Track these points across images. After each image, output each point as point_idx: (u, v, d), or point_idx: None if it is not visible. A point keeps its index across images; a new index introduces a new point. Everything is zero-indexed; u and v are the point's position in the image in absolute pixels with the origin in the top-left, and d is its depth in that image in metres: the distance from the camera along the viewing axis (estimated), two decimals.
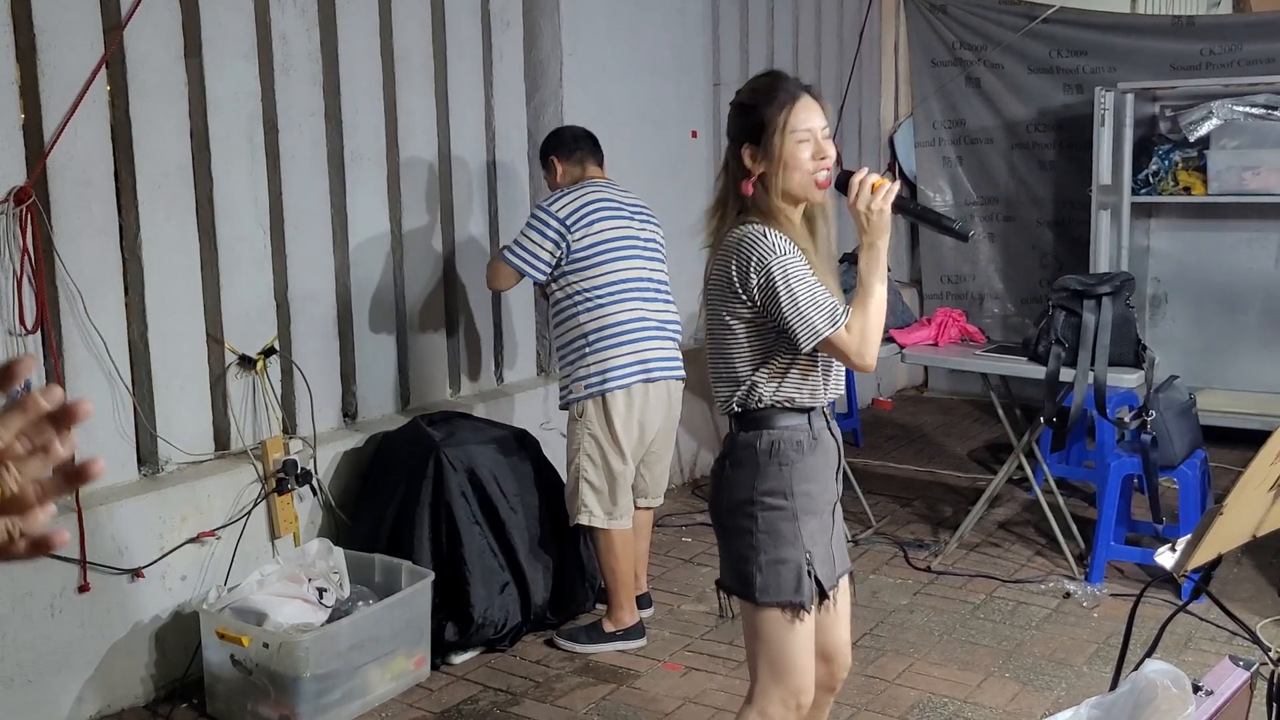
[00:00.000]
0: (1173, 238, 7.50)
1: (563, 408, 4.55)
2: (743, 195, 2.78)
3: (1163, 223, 7.52)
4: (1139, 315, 5.81)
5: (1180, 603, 4.47)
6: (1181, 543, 2.07)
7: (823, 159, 2.75)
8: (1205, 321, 7.42)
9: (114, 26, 3.98)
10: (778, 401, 2.79)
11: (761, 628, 2.83)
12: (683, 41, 6.33)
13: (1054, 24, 7.76)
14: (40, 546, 1.02)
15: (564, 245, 4.33)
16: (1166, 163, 7.06)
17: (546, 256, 4.35)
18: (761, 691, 2.86)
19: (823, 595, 2.84)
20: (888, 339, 5.53)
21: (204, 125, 4.29)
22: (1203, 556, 2.05)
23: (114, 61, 4.02)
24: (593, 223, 4.35)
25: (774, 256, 2.69)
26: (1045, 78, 7.92)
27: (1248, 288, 7.25)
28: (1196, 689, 1.89)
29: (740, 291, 2.74)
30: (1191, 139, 6.97)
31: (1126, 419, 4.89)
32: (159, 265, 4.19)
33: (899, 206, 2.74)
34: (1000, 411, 5.39)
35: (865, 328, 2.71)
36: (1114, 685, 2.11)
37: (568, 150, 4.59)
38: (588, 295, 4.36)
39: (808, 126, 2.74)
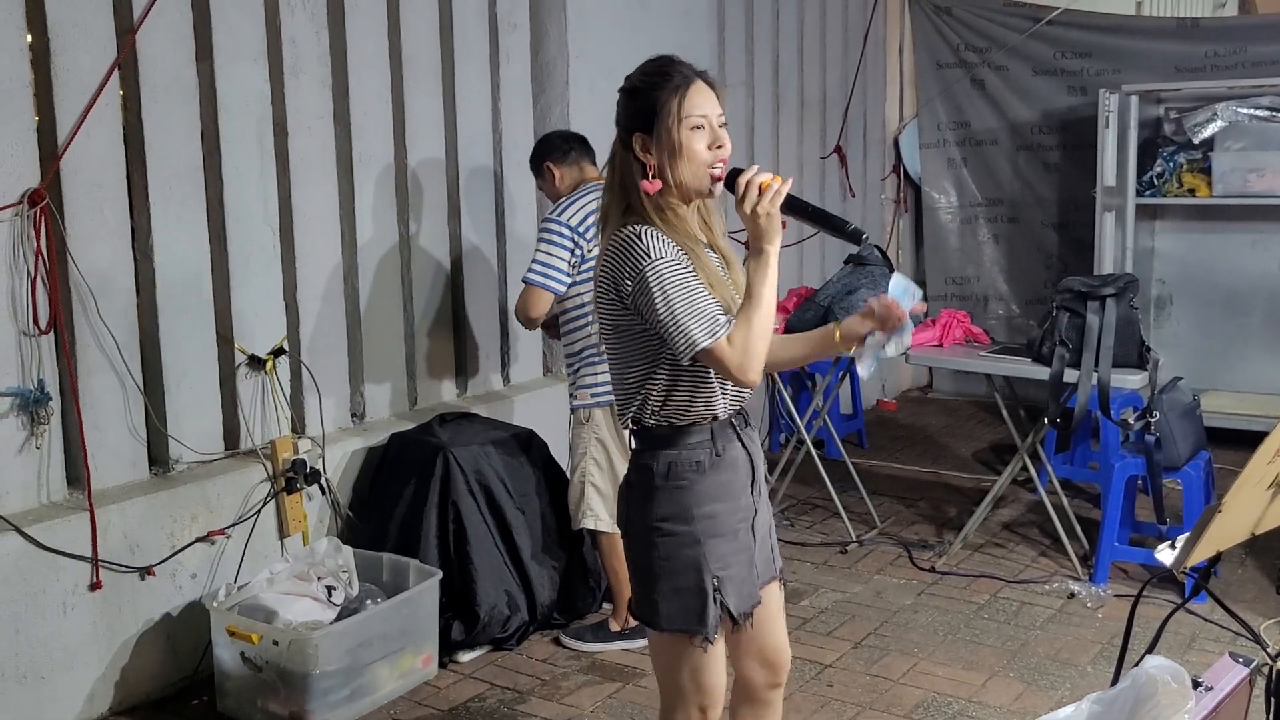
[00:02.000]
0: (1177, 239, 7.52)
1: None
2: (634, 192, 2.60)
3: (1167, 224, 7.54)
4: (1143, 317, 5.82)
5: (1179, 600, 4.52)
6: (1181, 540, 2.10)
7: (719, 148, 2.58)
8: (1209, 323, 7.43)
9: (126, 30, 4.02)
10: (674, 417, 2.63)
11: (665, 653, 2.74)
12: (689, 43, 6.35)
13: (1058, 26, 7.78)
14: None
15: (578, 253, 4.33)
16: (1171, 164, 7.08)
17: (564, 266, 4.32)
18: (665, 710, 2.79)
19: (735, 621, 2.66)
20: None
21: (215, 127, 4.33)
22: (1202, 554, 2.07)
23: (126, 64, 4.05)
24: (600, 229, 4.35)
25: (648, 261, 2.50)
26: (1050, 80, 7.94)
27: (1252, 289, 7.27)
28: (1196, 685, 1.92)
29: (620, 299, 2.58)
30: (1196, 141, 6.99)
31: (1130, 420, 4.91)
32: (170, 266, 4.22)
33: (789, 207, 2.51)
34: (1005, 412, 5.42)
35: (748, 339, 2.47)
36: (1115, 681, 2.14)
37: (561, 154, 4.56)
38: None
39: (703, 113, 2.57)
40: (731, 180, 2.55)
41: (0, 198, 3.72)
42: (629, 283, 2.54)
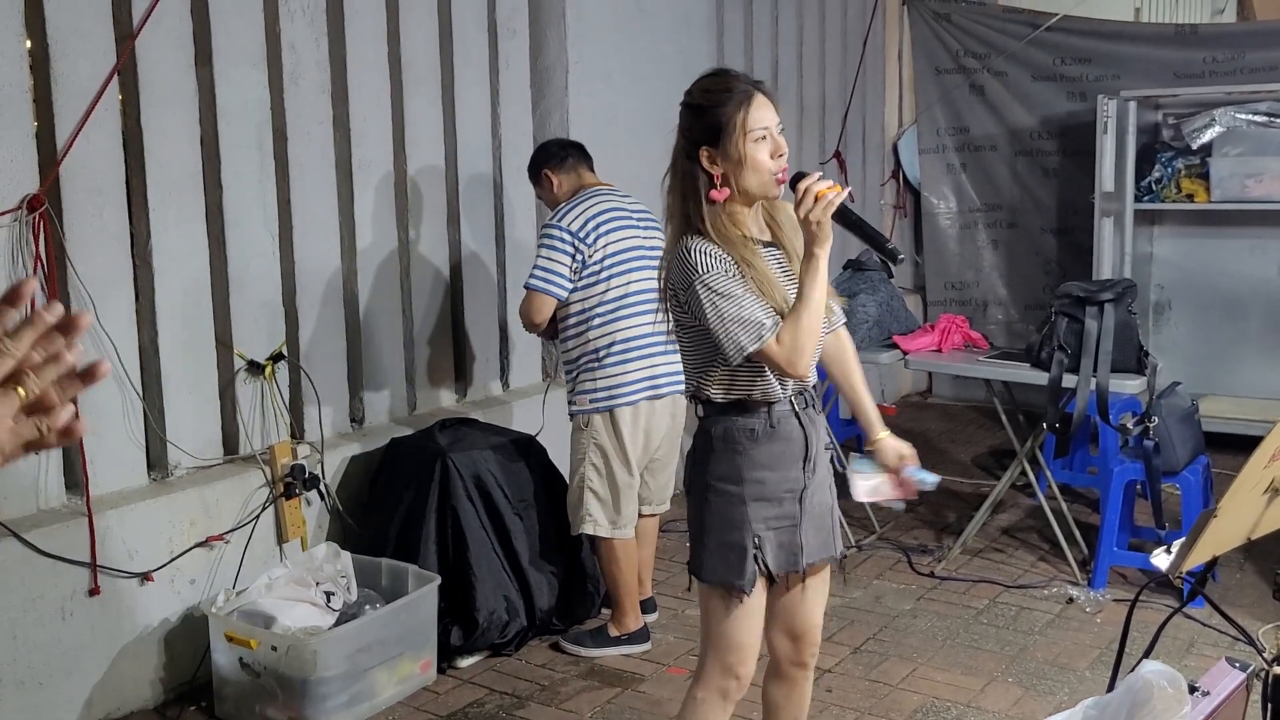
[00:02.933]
0: (1175, 244, 7.53)
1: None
2: (692, 200, 2.79)
3: (1165, 229, 7.54)
4: (1141, 322, 5.83)
5: (1176, 605, 4.52)
6: (1177, 545, 2.10)
7: (780, 155, 2.77)
8: (1207, 328, 7.44)
9: (126, 35, 4.03)
10: (732, 398, 2.85)
11: (706, 603, 2.96)
12: (688, 49, 6.36)
13: (1057, 32, 7.79)
14: (66, 435, 1.19)
15: (579, 258, 4.32)
16: (1169, 170, 7.08)
17: (566, 272, 4.31)
18: (703, 660, 3.00)
19: (772, 580, 2.90)
20: (891, 345, 5.59)
21: (214, 133, 4.33)
22: (1198, 558, 2.08)
23: (126, 70, 4.06)
24: (603, 234, 4.34)
25: (697, 275, 2.72)
26: (1049, 85, 7.95)
27: (1250, 294, 7.28)
28: (1193, 690, 1.92)
29: (680, 304, 2.82)
30: (1194, 146, 6.99)
31: (1129, 425, 4.91)
32: (169, 272, 4.23)
33: (840, 216, 2.70)
34: (1004, 417, 5.42)
35: (796, 338, 2.70)
36: (1111, 686, 2.14)
37: (558, 160, 4.56)
38: (597, 311, 4.35)
39: (764, 125, 2.75)
40: (794, 183, 2.72)
41: None
42: (683, 293, 2.79)
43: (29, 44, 3.82)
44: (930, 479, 3.09)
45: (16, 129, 3.76)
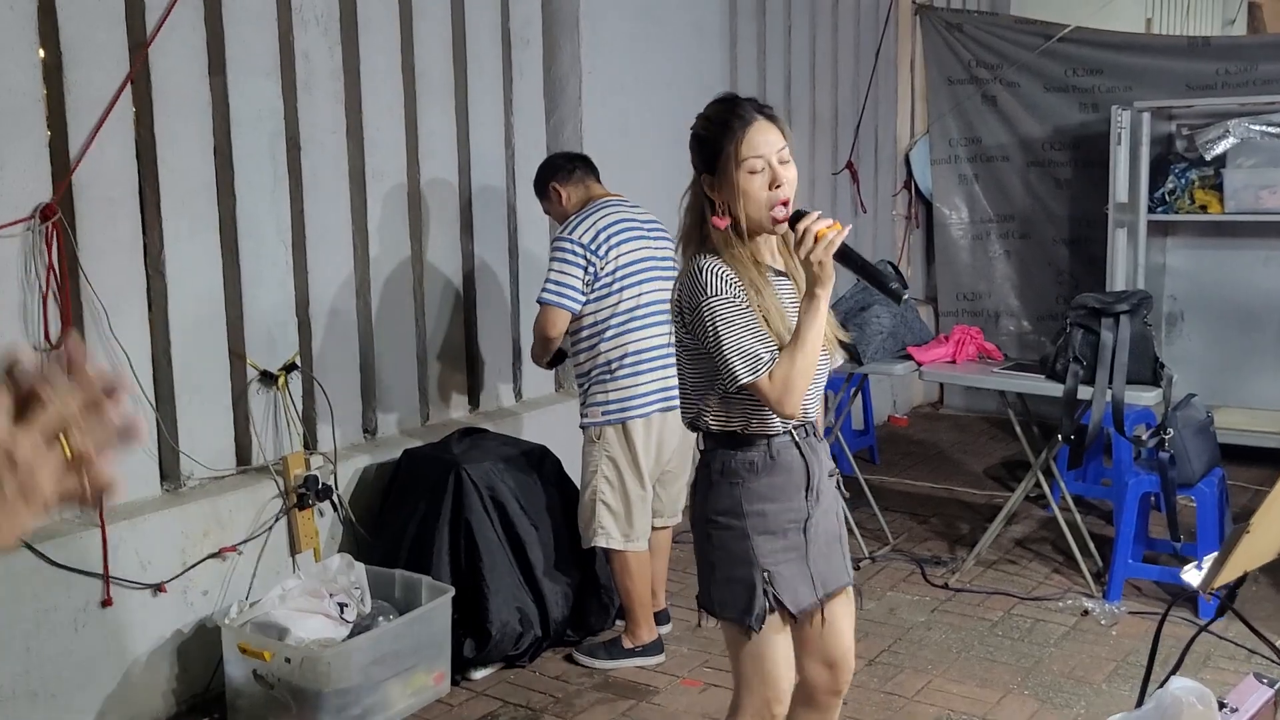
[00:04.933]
0: (1189, 256, 7.50)
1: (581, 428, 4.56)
2: (706, 223, 2.78)
3: (1179, 241, 7.51)
4: (1155, 333, 5.82)
5: (1198, 620, 4.49)
6: (1208, 561, 2.08)
7: (778, 188, 2.70)
8: (1221, 340, 7.39)
9: (139, 44, 4.02)
10: (730, 429, 2.81)
11: (730, 641, 2.92)
12: (701, 59, 6.36)
13: (1069, 44, 7.77)
14: (106, 491, 1.21)
15: (592, 270, 4.30)
16: (1183, 181, 7.06)
17: (579, 284, 4.30)
18: (736, 696, 2.95)
19: (789, 615, 2.82)
20: (905, 356, 5.56)
21: (227, 142, 4.32)
22: (1229, 575, 2.05)
23: (139, 79, 4.05)
24: (614, 245, 4.33)
25: (704, 297, 2.69)
26: (1061, 96, 7.93)
27: (1264, 306, 7.24)
28: (1221, 706, 1.90)
29: (685, 323, 2.79)
30: (1208, 158, 6.97)
31: (1144, 437, 4.89)
32: (182, 281, 4.22)
33: (842, 256, 2.64)
34: (1018, 429, 5.40)
35: (789, 378, 2.65)
36: (1139, 703, 2.12)
37: (565, 173, 4.54)
38: (610, 323, 4.33)
39: (760, 154, 2.70)
40: (794, 223, 2.67)
41: (12, 212, 3.71)
42: (688, 314, 2.75)
43: (42, 53, 3.82)
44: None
45: (30, 138, 3.75)
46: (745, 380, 2.66)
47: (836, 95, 7.86)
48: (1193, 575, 2.14)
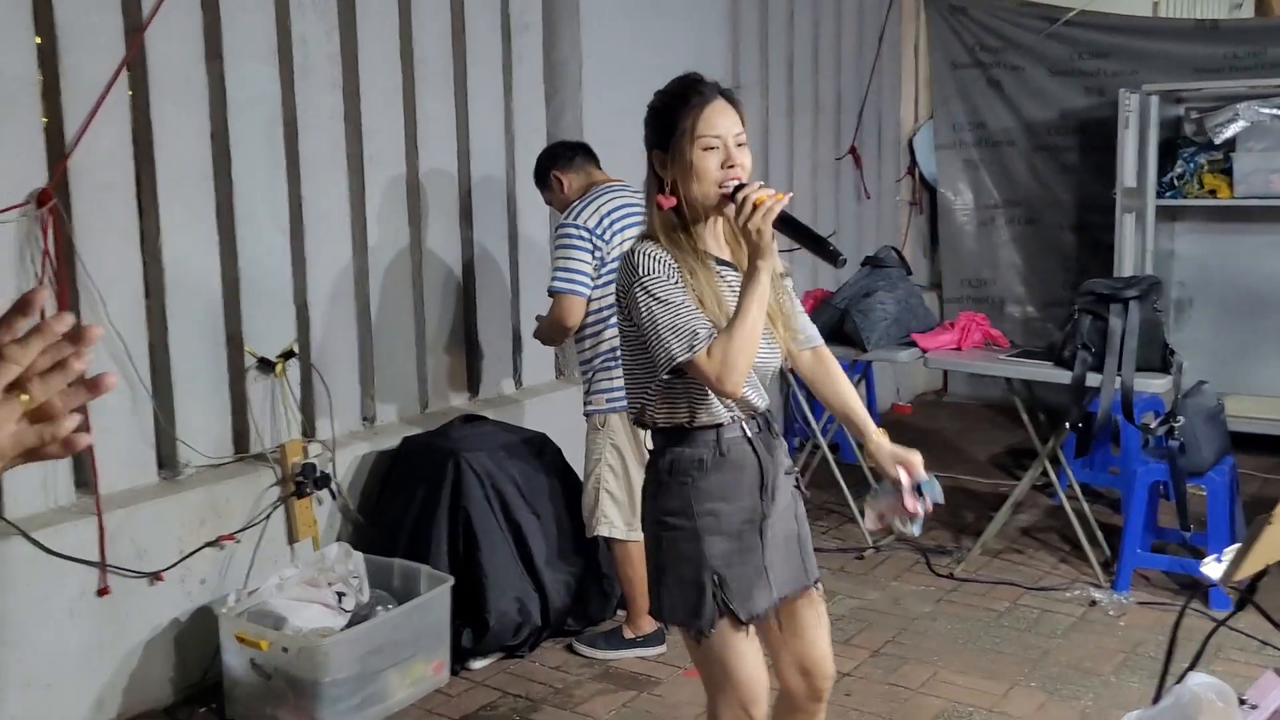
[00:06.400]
0: (1197, 241, 7.43)
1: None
2: (651, 206, 2.69)
3: (1187, 226, 7.44)
4: (1163, 319, 5.77)
5: (1209, 611, 4.44)
6: (1229, 553, 2.03)
7: (731, 167, 2.61)
8: (1230, 326, 7.33)
9: (135, 29, 3.97)
10: (675, 419, 2.70)
11: (686, 646, 2.82)
12: (702, 43, 6.30)
13: (1075, 27, 7.71)
14: (68, 445, 1.20)
15: (598, 255, 4.25)
16: (1191, 165, 7.00)
17: (588, 270, 4.25)
18: (710, 706, 2.85)
19: (738, 620, 2.67)
20: (909, 343, 5.51)
21: (224, 128, 4.28)
22: (1251, 567, 2.01)
23: (135, 64, 4.00)
24: (617, 231, 4.28)
25: (636, 278, 2.60)
26: (1066, 80, 7.86)
27: (1273, 292, 7.17)
28: (1241, 702, 1.85)
29: (622, 310, 2.70)
30: (1217, 141, 6.91)
31: (1153, 425, 4.83)
32: (179, 268, 4.17)
33: (783, 222, 2.54)
34: (1025, 416, 5.34)
35: (728, 353, 2.51)
36: (1156, 698, 2.07)
37: (566, 161, 4.50)
38: (614, 310, 4.29)
39: (717, 133, 2.62)
40: (735, 194, 2.57)
41: (8, 198, 3.67)
42: (625, 298, 2.66)
43: (38, 38, 3.77)
44: (937, 491, 2.88)
45: (25, 123, 3.71)
46: (681, 358, 2.54)
47: (839, 80, 7.80)
48: (1213, 568, 2.09)
